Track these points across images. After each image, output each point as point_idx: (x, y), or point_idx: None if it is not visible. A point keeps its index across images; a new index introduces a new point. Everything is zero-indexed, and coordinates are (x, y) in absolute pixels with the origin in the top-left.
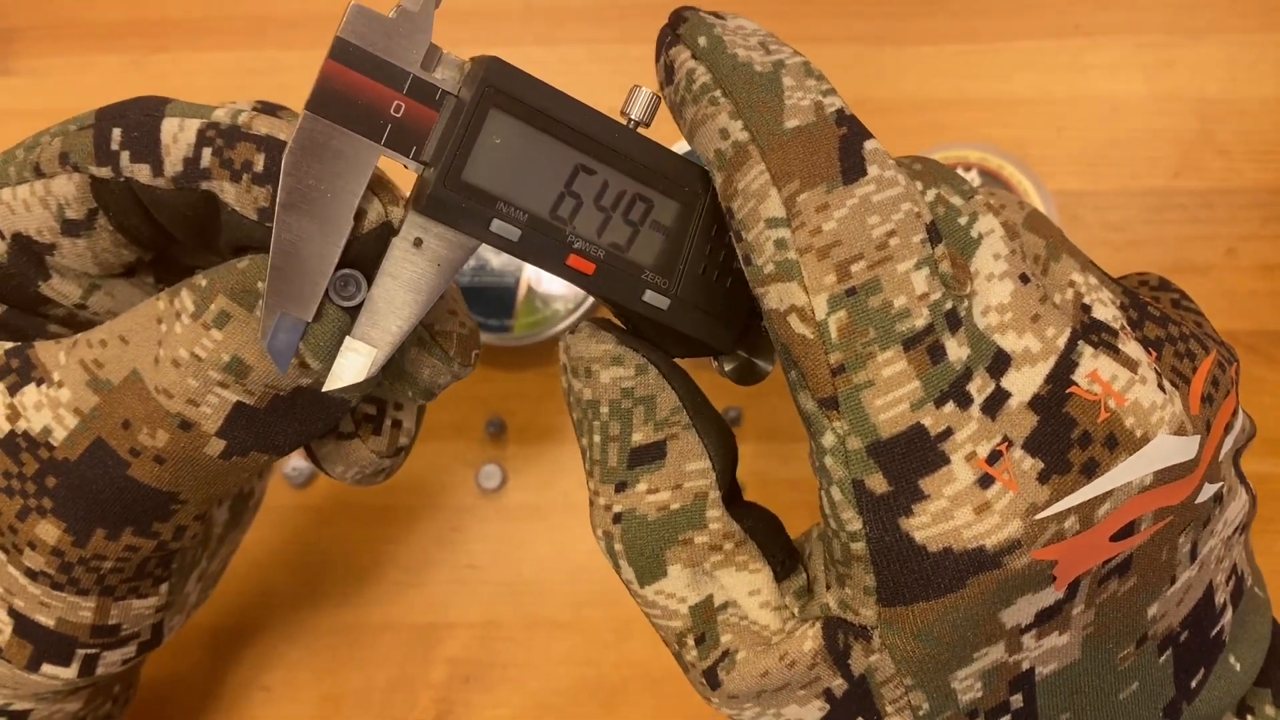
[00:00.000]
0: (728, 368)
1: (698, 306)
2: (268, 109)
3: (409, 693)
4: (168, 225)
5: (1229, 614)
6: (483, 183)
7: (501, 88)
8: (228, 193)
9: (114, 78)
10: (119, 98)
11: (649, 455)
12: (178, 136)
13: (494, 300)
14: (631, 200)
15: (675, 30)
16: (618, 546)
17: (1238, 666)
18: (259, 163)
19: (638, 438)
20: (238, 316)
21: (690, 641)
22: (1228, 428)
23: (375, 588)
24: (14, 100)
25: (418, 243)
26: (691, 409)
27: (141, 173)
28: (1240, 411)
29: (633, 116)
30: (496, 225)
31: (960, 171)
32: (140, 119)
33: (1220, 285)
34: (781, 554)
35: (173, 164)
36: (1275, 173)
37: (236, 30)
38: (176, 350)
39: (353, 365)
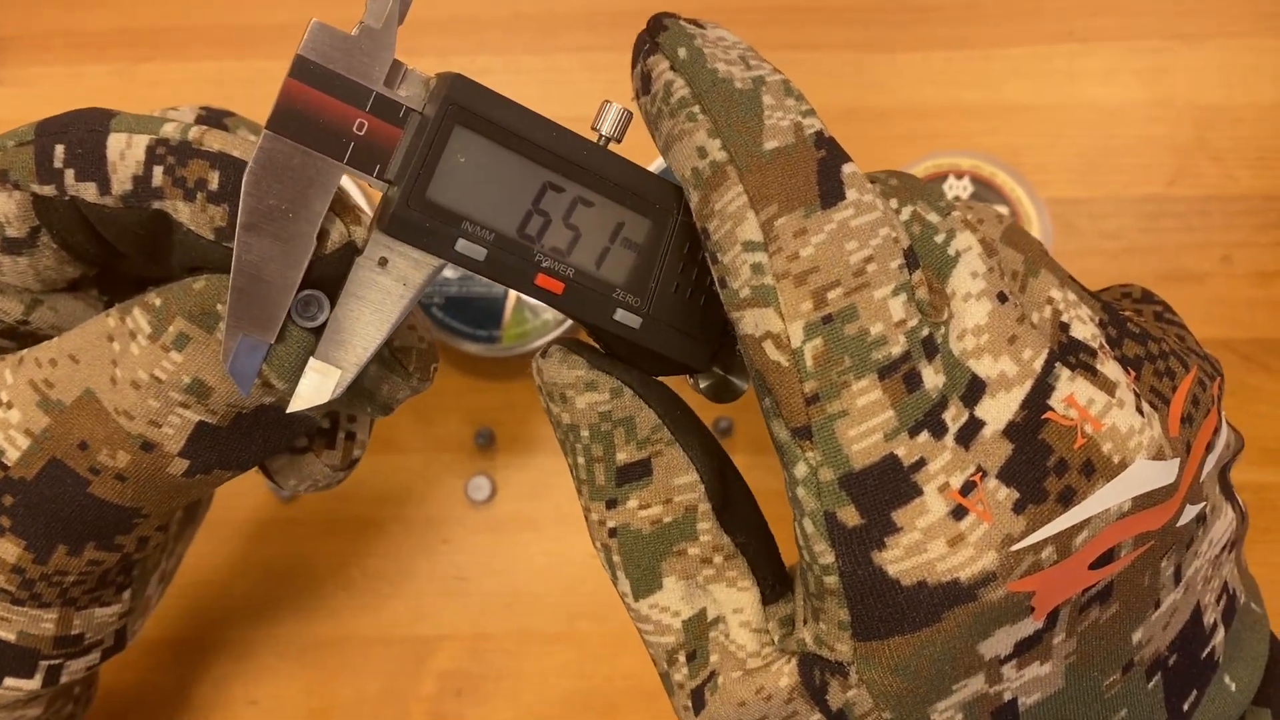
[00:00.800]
0: (703, 385)
1: (671, 325)
2: (213, 117)
3: (399, 706)
4: (115, 243)
5: (1221, 634)
6: (448, 201)
7: (465, 105)
8: (182, 212)
9: (102, 87)
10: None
11: (635, 473)
12: (125, 154)
13: (482, 311)
14: (602, 218)
15: (654, 38)
16: (616, 559)
17: (1233, 686)
18: (213, 181)
19: (622, 457)
20: (197, 338)
21: (681, 659)
22: (1209, 447)
23: (364, 600)
24: (2, 110)
25: (383, 262)
26: (672, 425)
27: (88, 191)
28: (1224, 427)
29: (603, 132)
30: (462, 245)
31: (953, 179)
32: (84, 135)
33: (1216, 293)
34: (772, 577)
35: (121, 182)
36: (1271, 179)
37: (225, 40)
38: (135, 372)
39: (317, 387)
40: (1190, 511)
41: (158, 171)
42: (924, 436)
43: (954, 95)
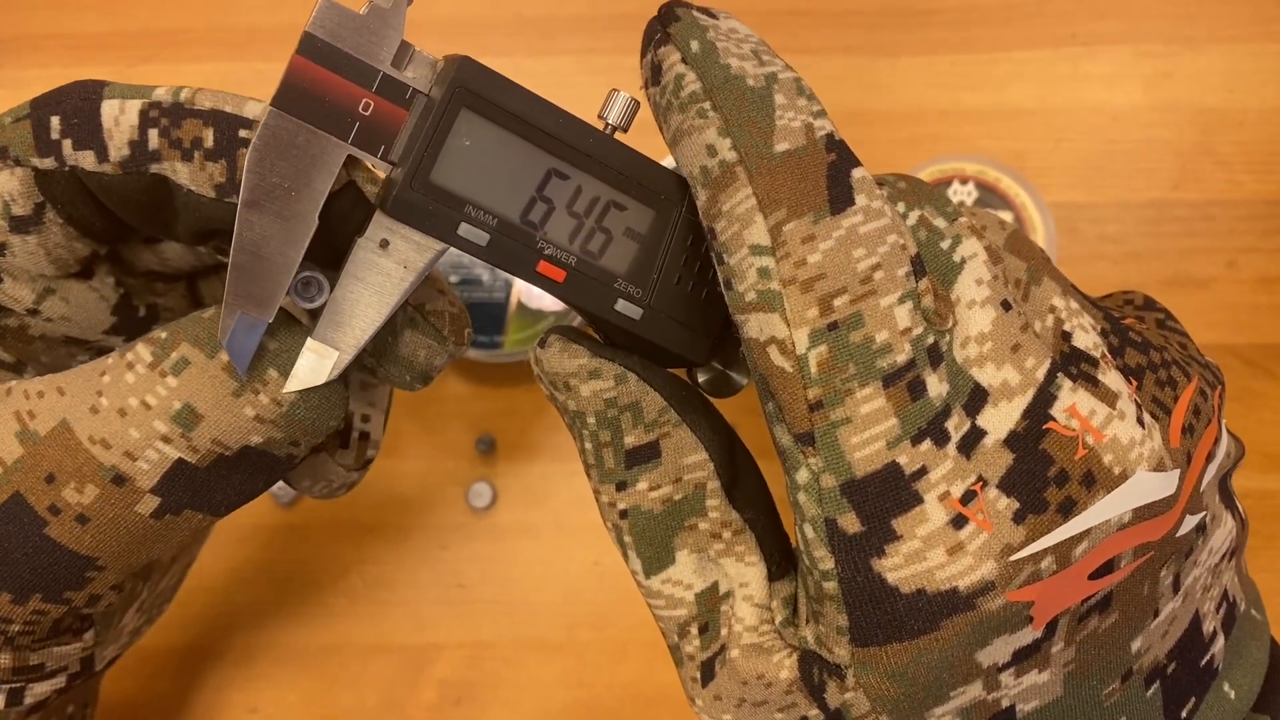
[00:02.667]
0: (701, 379)
1: (671, 317)
2: None
3: (399, 714)
4: (119, 212)
5: (1220, 641)
6: (451, 185)
7: (473, 88)
8: (181, 173)
9: None
10: None
11: (644, 455)
12: (119, 119)
13: (484, 316)
14: (605, 207)
15: (666, 28)
16: (627, 539)
17: (1232, 694)
18: (209, 138)
19: (630, 441)
20: (197, 363)
21: (693, 631)
22: (1210, 456)
23: (364, 608)
24: None
25: (384, 244)
26: (679, 406)
27: (86, 160)
28: (1224, 436)
29: (610, 121)
30: (465, 229)
31: (957, 185)
32: (78, 104)
33: (1220, 298)
34: (779, 554)
35: (118, 148)
36: (1275, 184)
37: (222, 42)
38: (125, 399)
39: (314, 367)
40: (1190, 521)
41: (153, 134)
42: (926, 445)
43: (957, 99)
